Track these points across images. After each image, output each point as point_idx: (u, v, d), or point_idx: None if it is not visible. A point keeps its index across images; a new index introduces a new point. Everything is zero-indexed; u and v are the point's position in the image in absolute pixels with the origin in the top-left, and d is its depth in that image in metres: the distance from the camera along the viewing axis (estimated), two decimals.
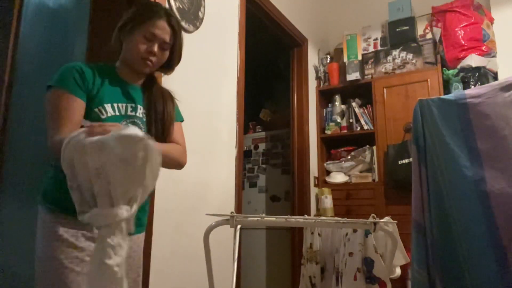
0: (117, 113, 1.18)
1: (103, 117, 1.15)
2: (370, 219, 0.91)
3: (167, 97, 1.33)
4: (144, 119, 1.25)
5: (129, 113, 1.21)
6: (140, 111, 1.24)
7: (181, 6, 1.97)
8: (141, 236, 1.28)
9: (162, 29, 1.23)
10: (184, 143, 1.35)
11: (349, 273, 2.04)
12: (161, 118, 1.27)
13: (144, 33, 1.21)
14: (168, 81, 1.83)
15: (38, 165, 2.07)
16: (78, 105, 1.12)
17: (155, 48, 1.22)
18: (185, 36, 2.00)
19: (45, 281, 1.05)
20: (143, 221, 1.28)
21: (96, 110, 1.15)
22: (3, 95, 2.15)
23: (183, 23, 1.97)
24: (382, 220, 0.98)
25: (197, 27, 2.08)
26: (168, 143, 1.27)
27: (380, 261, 2.02)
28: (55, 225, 1.07)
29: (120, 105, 1.20)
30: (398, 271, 2.19)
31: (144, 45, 1.21)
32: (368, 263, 2.06)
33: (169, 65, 1.33)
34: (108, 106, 1.17)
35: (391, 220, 1.41)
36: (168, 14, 1.27)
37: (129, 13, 1.26)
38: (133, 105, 1.23)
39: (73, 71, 1.15)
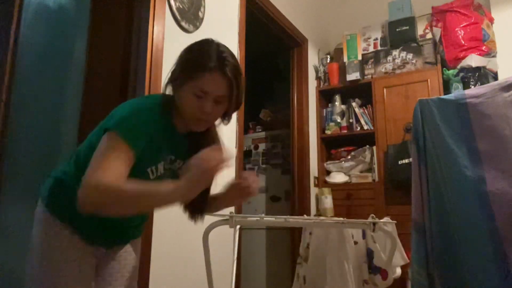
0: (163, 171, 1.10)
1: (152, 177, 1.07)
2: (369, 219, 0.91)
3: None
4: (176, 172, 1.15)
5: (167, 166, 1.13)
6: (176, 165, 1.15)
7: (181, 6, 1.97)
8: (138, 239, 1.29)
9: (215, 84, 1.03)
10: (203, 211, 1.22)
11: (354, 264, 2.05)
12: None
13: (193, 90, 1.03)
14: None
15: (38, 165, 2.07)
16: (130, 160, 0.98)
17: (209, 107, 1.04)
18: (185, 36, 2.02)
19: (36, 280, 1.03)
20: (143, 227, 1.29)
21: (148, 170, 1.06)
22: (3, 95, 2.15)
23: (183, 23, 1.97)
24: (381, 221, 0.98)
25: (197, 27, 2.08)
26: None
27: (379, 250, 2.03)
28: (53, 228, 1.05)
29: (169, 158, 1.12)
30: (398, 271, 2.19)
31: (195, 104, 1.04)
32: (368, 253, 2.08)
33: (225, 115, 1.15)
34: (161, 165, 1.09)
35: (390, 220, 1.41)
36: (222, 62, 1.04)
37: (177, 63, 1.09)
38: (173, 157, 1.14)
39: (141, 123, 1.01)
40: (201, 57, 1.05)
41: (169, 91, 1.10)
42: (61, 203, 1.07)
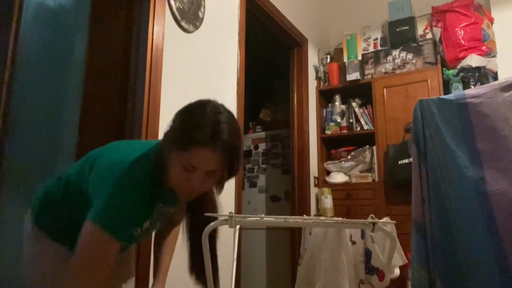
0: (148, 226, 1.08)
1: (136, 234, 1.05)
2: (369, 219, 0.91)
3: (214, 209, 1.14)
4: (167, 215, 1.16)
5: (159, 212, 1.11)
6: (167, 210, 1.15)
7: (181, 6, 1.97)
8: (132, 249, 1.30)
9: (205, 160, 0.93)
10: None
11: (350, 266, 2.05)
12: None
13: (181, 162, 0.94)
14: (168, 81, 1.84)
15: (38, 166, 2.07)
16: (115, 246, 0.96)
17: (197, 181, 0.96)
18: (185, 36, 2.02)
19: (32, 280, 1.05)
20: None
21: (133, 231, 1.03)
22: (3, 95, 2.15)
23: (183, 23, 1.97)
24: (380, 221, 0.98)
25: (197, 27, 2.08)
26: (166, 261, 1.26)
27: (377, 251, 2.03)
28: (43, 245, 1.06)
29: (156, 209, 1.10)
30: (397, 272, 2.19)
31: (183, 176, 0.96)
32: (366, 254, 2.08)
33: (219, 184, 1.06)
34: (146, 223, 1.06)
35: (390, 221, 1.41)
36: (214, 136, 0.93)
37: (172, 130, 0.98)
38: (161, 205, 1.11)
39: (122, 213, 0.95)
40: (193, 127, 0.93)
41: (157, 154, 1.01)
42: (48, 221, 1.08)
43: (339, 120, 3.46)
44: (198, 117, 0.95)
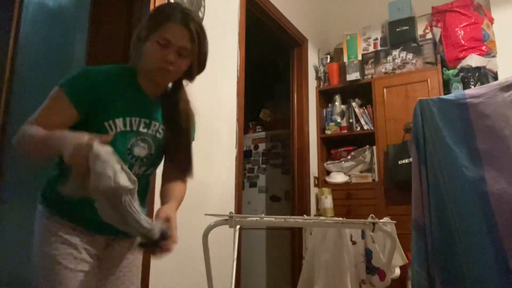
0: (128, 129, 1.12)
1: (112, 132, 1.09)
2: (369, 219, 0.91)
3: (190, 117, 1.22)
4: (157, 136, 1.18)
5: (141, 129, 1.14)
6: (154, 128, 1.17)
7: None
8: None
9: (178, 34, 1.09)
10: (192, 167, 1.23)
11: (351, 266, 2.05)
12: (176, 142, 1.19)
13: (158, 39, 1.08)
14: None
15: (38, 165, 2.07)
16: (67, 112, 1.06)
17: (171, 56, 1.09)
18: None
19: (39, 277, 1.05)
20: None
21: (106, 124, 1.08)
22: (3, 95, 2.15)
23: None
24: (381, 221, 0.98)
25: None
26: (176, 191, 1.18)
27: (378, 251, 2.03)
28: (52, 223, 1.08)
29: (133, 119, 1.13)
30: (397, 272, 2.19)
31: (159, 53, 1.09)
32: (367, 254, 2.08)
33: (189, 73, 1.18)
34: (119, 121, 1.10)
35: (390, 221, 1.41)
36: (185, 16, 1.12)
37: (143, 19, 1.16)
38: (147, 120, 1.16)
39: (82, 79, 1.09)
40: (165, 10, 1.13)
41: (135, 50, 1.16)
42: (55, 198, 1.09)
43: (339, 120, 3.46)
44: (170, 5, 1.19)
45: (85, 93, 1.08)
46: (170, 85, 1.23)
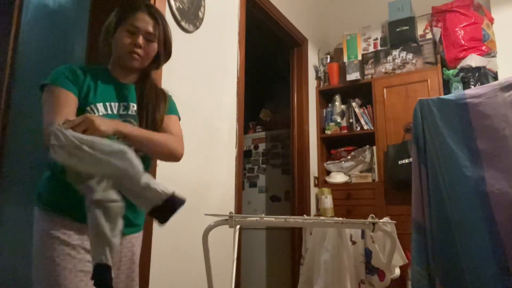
0: (109, 112, 1.20)
1: (99, 112, 1.17)
2: (369, 219, 0.91)
3: (159, 94, 1.32)
4: (136, 116, 1.26)
5: (121, 112, 1.23)
6: (133, 109, 1.26)
7: (181, 6, 1.97)
8: (136, 236, 1.28)
9: (144, 21, 1.24)
10: (181, 135, 1.33)
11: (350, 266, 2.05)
12: (152, 113, 1.27)
13: (127, 27, 1.23)
14: (168, 81, 1.83)
15: (38, 165, 2.07)
16: (70, 98, 1.15)
17: (140, 40, 1.23)
18: (185, 36, 2.01)
19: (39, 278, 1.06)
20: (135, 221, 1.25)
21: (88, 109, 1.16)
22: (3, 95, 2.15)
23: (183, 23, 1.97)
24: (380, 221, 0.98)
25: (197, 27, 2.08)
26: (161, 133, 1.26)
27: (377, 251, 2.03)
28: (48, 224, 1.09)
29: (112, 104, 1.22)
30: (397, 272, 2.19)
31: (128, 39, 1.22)
32: (366, 254, 2.08)
33: (156, 60, 1.31)
34: (100, 105, 1.19)
35: (390, 220, 1.41)
36: (148, 6, 1.29)
37: (111, 14, 1.29)
38: (125, 103, 1.25)
39: (64, 70, 1.19)
40: (131, 2, 1.28)
41: (104, 44, 1.28)
42: (50, 196, 1.12)
43: (339, 120, 3.46)
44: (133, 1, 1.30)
45: (71, 79, 1.18)
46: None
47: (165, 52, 1.32)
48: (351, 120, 3.39)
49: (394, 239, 1.27)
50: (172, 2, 1.92)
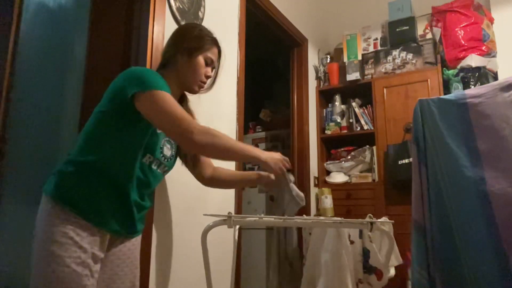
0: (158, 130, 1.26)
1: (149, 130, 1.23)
2: (367, 219, 0.91)
3: (190, 110, 1.44)
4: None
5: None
6: None
7: (181, 6, 1.97)
8: (138, 238, 1.30)
9: (214, 53, 1.40)
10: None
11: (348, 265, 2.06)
12: None
13: (205, 58, 1.36)
14: None
15: (38, 165, 2.07)
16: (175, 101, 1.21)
17: (210, 72, 1.38)
18: None
19: (42, 274, 1.02)
20: (140, 228, 1.28)
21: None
22: (2, 95, 2.15)
23: (183, 23, 1.98)
24: (378, 220, 0.98)
25: None
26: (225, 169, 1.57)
27: (375, 251, 2.04)
28: (63, 221, 1.05)
29: None
30: (392, 272, 2.20)
31: (203, 69, 1.35)
32: (364, 253, 2.08)
33: (211, 84, 1.46)
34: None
35: (388, 220, 1.42)
36: (217, 40, 1.44)
37: (191, 38, 1.37)
38: None
39: (158, 76, 1.22)
40: (207, 34, 1.40)
41: (172, 55, 1.36)
42: (73, 190, 1.09)
43: (339, 120, 3.46)
44: (204, 28, 1.45)
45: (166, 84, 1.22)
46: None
47: (216, 73, 1.46)
48: (351, 120, 3.39)
49: (392, 239, 1.27)
50: (172, 2, 1.92)
